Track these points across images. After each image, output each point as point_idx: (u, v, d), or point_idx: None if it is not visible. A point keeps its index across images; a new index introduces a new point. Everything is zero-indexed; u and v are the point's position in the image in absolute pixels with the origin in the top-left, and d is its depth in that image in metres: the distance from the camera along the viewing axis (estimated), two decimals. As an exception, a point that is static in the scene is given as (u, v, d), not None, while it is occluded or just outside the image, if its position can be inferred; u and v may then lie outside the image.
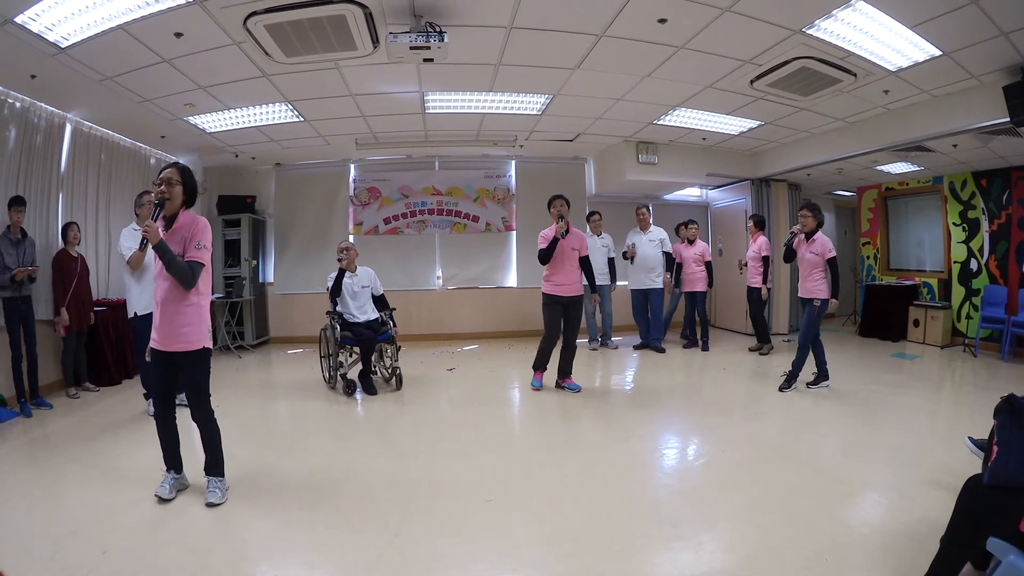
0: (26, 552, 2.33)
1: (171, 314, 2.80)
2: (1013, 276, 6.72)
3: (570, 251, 4.98)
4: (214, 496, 2.84)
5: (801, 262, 5.05)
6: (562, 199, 5.01)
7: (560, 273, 4.98)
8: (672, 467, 3.47)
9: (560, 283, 4.98)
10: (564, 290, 4.97)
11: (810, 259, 4.94)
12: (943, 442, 3.62)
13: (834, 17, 3.89)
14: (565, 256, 4.97)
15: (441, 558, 2.33)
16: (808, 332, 4.92)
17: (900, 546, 2.33)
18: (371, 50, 4.31)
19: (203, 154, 7.44)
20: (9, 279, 4.41)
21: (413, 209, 8.62)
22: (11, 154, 4.80)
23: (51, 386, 5.05)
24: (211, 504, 2.80)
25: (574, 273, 5.02)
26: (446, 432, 4.13)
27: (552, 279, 5.02)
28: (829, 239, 5.00)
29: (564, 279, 4.98)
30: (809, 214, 4.97)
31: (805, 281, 5.01)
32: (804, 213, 5.02)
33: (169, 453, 2.97)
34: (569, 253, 4.98)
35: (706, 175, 8.14)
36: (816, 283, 4.91)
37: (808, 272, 4.97)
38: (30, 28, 3.63)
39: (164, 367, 2.88)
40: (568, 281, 4.99)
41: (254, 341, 7.93)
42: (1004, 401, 1.99)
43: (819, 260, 4.90)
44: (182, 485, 3.00)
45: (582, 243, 5.09)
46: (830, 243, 4.96)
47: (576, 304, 5.05)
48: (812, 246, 4.94)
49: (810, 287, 4.94)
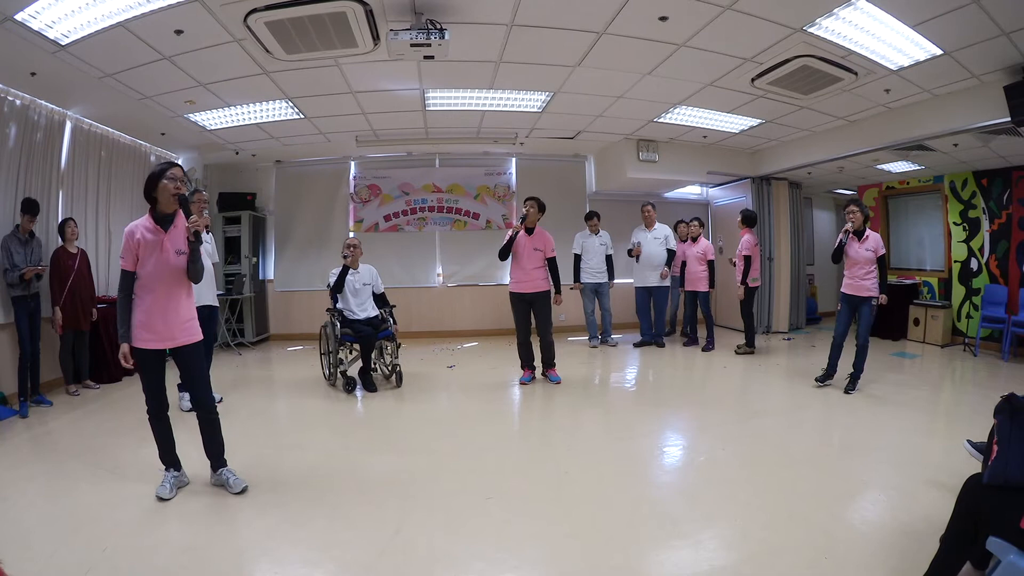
0: (26, 549, 2.34)
1: (175, 309, 2.85)
2: (1013, 276, 6.72)
3: (531, 250, 5.19)
4: (238, 484, 2.94)
5: (853, 261, 4.87)
6: (533, 201, 5.20)
7: (518, 270, 5.24)
8: (672, 465, 3.48)
9: (519, 280, 5.24)
10: (523, 287, 5.22)
11: (866, 256, 4.79)
12: (943, 441, 3.62)
13: (835, 15, 3.88)
14: (524, 254, 5.19)
15: (441, 555, 2.34)
16: (869, 331, 4.84)
17: (900, 545, 2.34)
18: (372, 47, 4.31)
19: (203, 151, 7.43)
20: (18, 277, 4.45)
21: (413, 206, 8.61)
22: (11, 152, 4.80)
23: (51, 383, 5.05)
24: (244, 490, 2.92)
25: (535, 271, 5.21)
26: (446, 429, 4.13)
27: (512, 276, 5.31)
28: (879, 235, 4.87)
29: (522, 276, 5.22)
30: (856, 209, 4.80)
31: (859, 279, 4.84)
32: (852, 209, 4.81)
33: (167, 451, 2.98)
34: (529, 252, 5.19)
35: (707, 173, 8.13)
36: (872, 281, 4.79)
37: (862, 270, 4.82)
38: (30, 25, 3.63)
39: (160, 365, 2.93)
40: (526, 278, 5.20)
41: (254, 338, 7.94)
42: (1004, 400, 1.99)
43: (873, 257, 4.78)
44: (182, 483, 3.01)
45: (546, 244, 5.27)
46: (881, 239, 4.85)
47: (540, 300, 5.24)
48: (866, 243, 4.79)
49: (868, 285, 4.80)
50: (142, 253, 2.77)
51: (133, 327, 2.78)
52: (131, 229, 2.79)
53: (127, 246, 2.77)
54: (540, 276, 5.23)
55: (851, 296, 4.92)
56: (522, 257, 5.19)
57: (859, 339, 4.88)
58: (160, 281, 2.80)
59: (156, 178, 2.78)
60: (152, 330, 2.81)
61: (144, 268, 2.78)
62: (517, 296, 5.26)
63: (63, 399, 4.86)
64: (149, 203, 2.82)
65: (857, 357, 4.89)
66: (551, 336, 5.34)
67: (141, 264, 2.78)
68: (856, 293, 4.88)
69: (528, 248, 5.18)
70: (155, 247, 2.78)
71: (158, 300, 2.80)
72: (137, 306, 2.79)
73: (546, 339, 5.31)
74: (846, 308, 4.97)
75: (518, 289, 5.24)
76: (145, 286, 2.79)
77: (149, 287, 2.79)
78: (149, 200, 2.81)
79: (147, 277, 2.78)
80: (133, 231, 2.78)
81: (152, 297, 2.79)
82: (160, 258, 2.78)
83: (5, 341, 4.70)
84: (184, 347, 2.90)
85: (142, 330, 2.79)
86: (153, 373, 2.91)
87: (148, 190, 2.80)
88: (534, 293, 5.20)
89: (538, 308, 5.25)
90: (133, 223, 2.82)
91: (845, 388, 4.88)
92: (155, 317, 2.80)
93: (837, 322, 5.04)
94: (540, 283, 5.22)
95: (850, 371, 4.92)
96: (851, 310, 4.96)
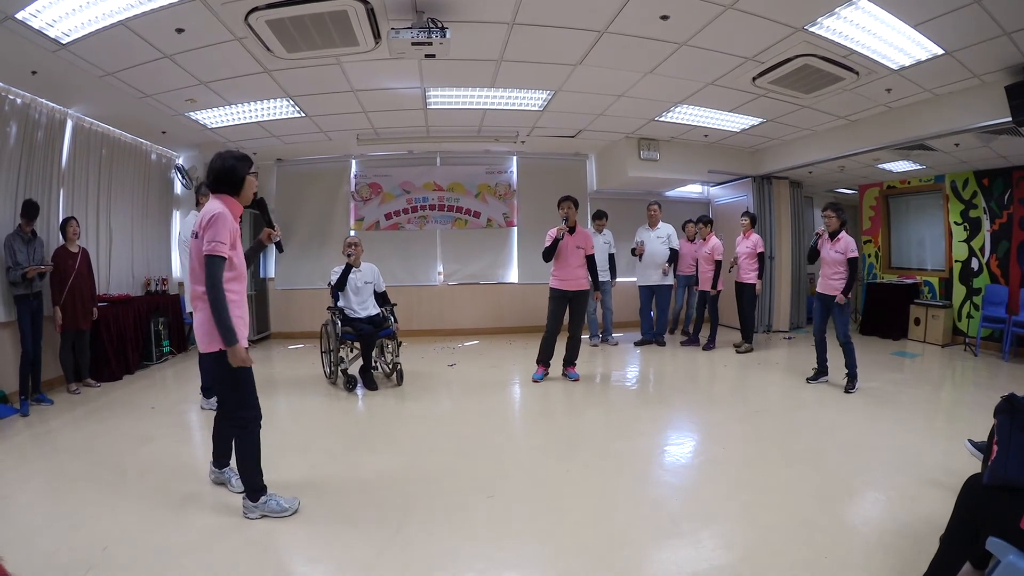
0: (27, 548, 2.34)
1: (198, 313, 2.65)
2: (1014, 276, 6.71)
3: (574, 248, 5.27)
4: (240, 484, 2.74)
5: (825, 261, 5.12)
6: (569, 201, 5.26)
7: (564, 268, 5.29)
8: (672, 464, 3.48)
9: (564, 278, 5.30)
10: (568, 284, 5.29)
11: (835, 258, 5.02)
12: (943, 441, 3.62)
13: (837, 15, 3.88)
14: (568, 253, 5.26)
15: (442, 554, 2.34)
16: (848, 327, 5.01)
17: (899, 545, 2.34)
18: (373, 46, 4.31)
19: (204, 150, 7.40)
20: (20, 276, 4.46)
21: (414, 205, 8.61)
22: (12, 150, 4.80)
23: (52, 382, 5.06)
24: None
25: (578, 269, 5.31)
26: (447, 428, 4.14)
27: (557, 274, 5.35)
28: (853, 240, 5.05)
29: (568, 274, 5.28)
30: (833, 214, 5.07)
31: (828, 279, 5.08)
32: (828, 213, 5.10)
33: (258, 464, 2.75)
34: (573, 250, 5.27)
35: (708, 172, 8.12)
36: (840, 281, 4.98)
37: (831, 270, 5.05)
38: (31, 24, 3.62)
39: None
40: (571, 276, 5.29)
41: (255, 336, 7.94)
42: (1004, 401, 1.99)
43: (843, 259, 4.97)
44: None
45: (587, 242, 5.36)
46: (854, 243, 5.03)
47: (580, 297, 5.35)
48: (837, 245, 5.02)
49: (836, 284, 5.00)
50: (238, 241, 2.62)
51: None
52: (223, 212, 2.51)
53: (223, 230, 2.48)
54: (583, 274, 5.34)
55: (823, 295, 5.16)
56: (568, 256, 5.26)
57: (840, 338, 5.03)
58: (244, 272, 2.72)
59: (244, 171, 2.64)
60: (247, 324, 2.71)
61: (239, 256, 2.65)
62: (560, 292, 5.32)
63: (64, 398, 4.87)
64: (224, 191, 2.62)
65: (846, 357, 4.99)
66: (580, 333, 5.45)
67: (237, 252, 2.62)
68: (826, 292, 5.11)
69: (572, 247, 5.26)
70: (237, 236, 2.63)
71: (243, 293, 2.69)
72: (231, 300, 2.53)
73: (576, 336, 5.41)
74: (820, 305, 5.22)
75: (562, 287, 5.30)
76: (238, 277, 2.64)
77: (241, 277, 2.66)
78: (226, 189, 2.62)
79: (241, 266, 2.66)
80: (227, 216, 2.53)
81: (242, 289, 2.67)
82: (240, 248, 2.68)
83: (7, 340, 4.71)
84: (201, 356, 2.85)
85: (242, 325, 2.58)
86: (250, 370, 2.66)
87: (231, 180, 2.61)
88: (576, 291, 5.31)
89: (576, 305, 5.36)
90: (219, 207, 2.54)
91: (845, 388, 4.95)
92: (245, 310, 2.69)
93: (814, 320, 5.31)
94: (582, 281, 5.34)
95: (845, 372, 5.00)
96: (823, 308, 5.19)
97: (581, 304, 5.37)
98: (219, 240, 2.46)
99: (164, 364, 6.35)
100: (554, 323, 5.36)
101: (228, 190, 2.63)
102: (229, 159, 2.63)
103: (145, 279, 6.79)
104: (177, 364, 6.41)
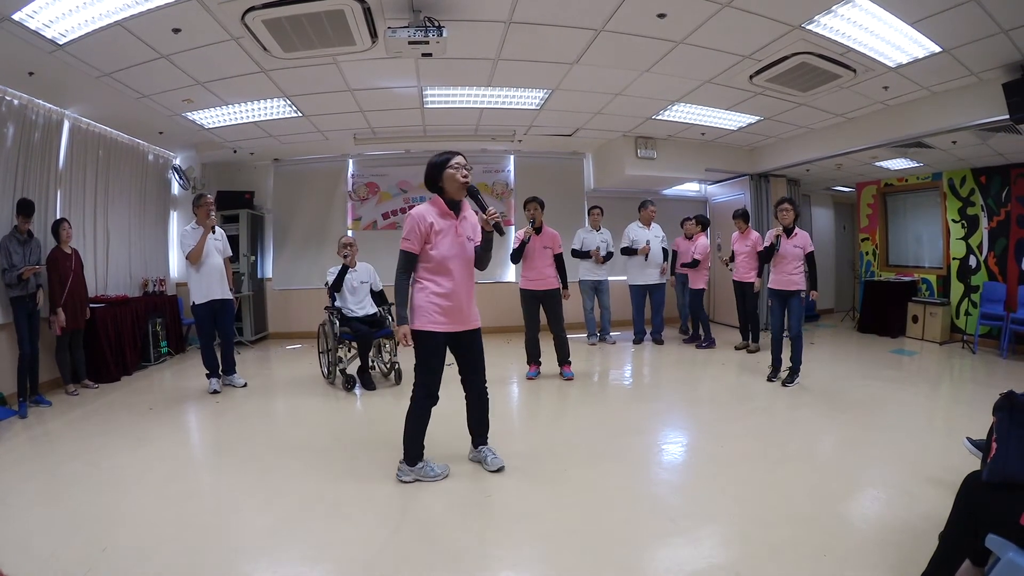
0: (25, 550, 2.33)
1: (469, 294, 3.00)
2: (1012, 273, 6.72)
3: (541, 249, 5.33)
4: (496, 462, 3.23)
5: (782, 257, 5.10)
6: (535, 202, 5.34)
7: (531, 269, 5.36)
8: (670, 462, 3.48)
9: (532, 278, 5.36)
10: (536, 284, 5.34)
11: (794, 252, 5.04)
12: (942, 439, 3.62)
13: (834, 13, 3.88)
14: (536, 253, 5.33)
15: (439, 554, 2.33)
16: (802, 322, 5.04)
17: (898, 542, 2.34)
18: (369, 45, 4.30)
19: (201, 150, 7.41)
20: (16, 277, 4.44)
21: (412, 204, 8.59)
22: (9, 152, 4.78)
23: (49, 384, 5.04)
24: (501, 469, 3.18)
25: (546, 269, 5.34)
26: (445, 427, 4.12)
27: (525, 275, 5.42)
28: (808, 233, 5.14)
29: (535, 274, 5.34)
30: (790, 207, 5.09)
31: (788, 274, 5.07)
32: (786, 207, 5.10)
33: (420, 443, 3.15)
34: (540, 251, 5.33)
35: (705, 170, 8.13)
36: (800, 275, 5.04)
37: (791, 265, 5.05)
38: (27, 25, 3.61)
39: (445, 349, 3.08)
40: (539, 276, 5.33)
41: (253, 337, 7.94)
42: (1003, 398, 1.99)
43: (802, 253, 5.02)
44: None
45: (554, 242, 5.40)
46: (809, 237, 5.10)
47: (551, 296, 5.37)
48: (794, 240, 5.05)
49: (796, 279, 5.04)
50: (435, 238, 2.84)
51: (421, 310, 2.86)
52: (421, 213, 2.85)
53: (414, 230, 2.81)
54: (551, 273, 5.36)
55: (780, 291, 5.14)
56: (534, 257, 5.32)
57: (791, 331, 5.07)
58: (457, 264, 2.89)
59: (440, 167, 2.85)
60: (450, 314, 2.89)
61: (439, 251, 2.85)
62: (529, 293, 5.36)
63: (62, 399, 4.85)
64: (434, 191, 2.91)
65: (793, 349, 5.04)
66: (564, 332, 5.42)
67: (435, 247, 2.84)
68: (784, 288, 5.10)
69: (539, 247, 5.32)
70: (449, 231, 2.87)
71: (459, 284, 2.90)
72: (429, 289, 2.87)
73: (560, 336, 5.39)
74: (777, 303, 5.20)
75: (530, 287, 5.35)
76: (441, 270, 2.87)
77: (445, 270, 2.87)
78: (435, 189, 2.90)
79: (444, 260, 2.86)
80: (424, 215, 2.84)
81: (452, 282, 2.88)
82: (456, 241, 2.88)
83: (3, 342, 4.69)
84: (472, 331, 3.03)
85: (437, 314, 2.87)
86: (440, 358, 2.97)
87: (433, 179, 2.88)
88: (545, 291, 5.33)
89: (549, 305, 5.36)
90: (420, 208, 2.88)
91: (783, 381, 5.03)
92: (457, 301, 2.89)
93: (771, 318, 5.32)
94: (551, 280, 5.35)
95: (789, 364, 5.09)
96: (781, 305, 5.18)
97: (553, 303, 5.37)
98: (403, 237, 2.86)
99: (162, 365, 6.34)
100: (530, 323, 5.42)
101: (434, 190, 2.93)
102: (429, 163, 2.92)
103: (143, 280, 6.78)
104: (175, 365, 6.40)
